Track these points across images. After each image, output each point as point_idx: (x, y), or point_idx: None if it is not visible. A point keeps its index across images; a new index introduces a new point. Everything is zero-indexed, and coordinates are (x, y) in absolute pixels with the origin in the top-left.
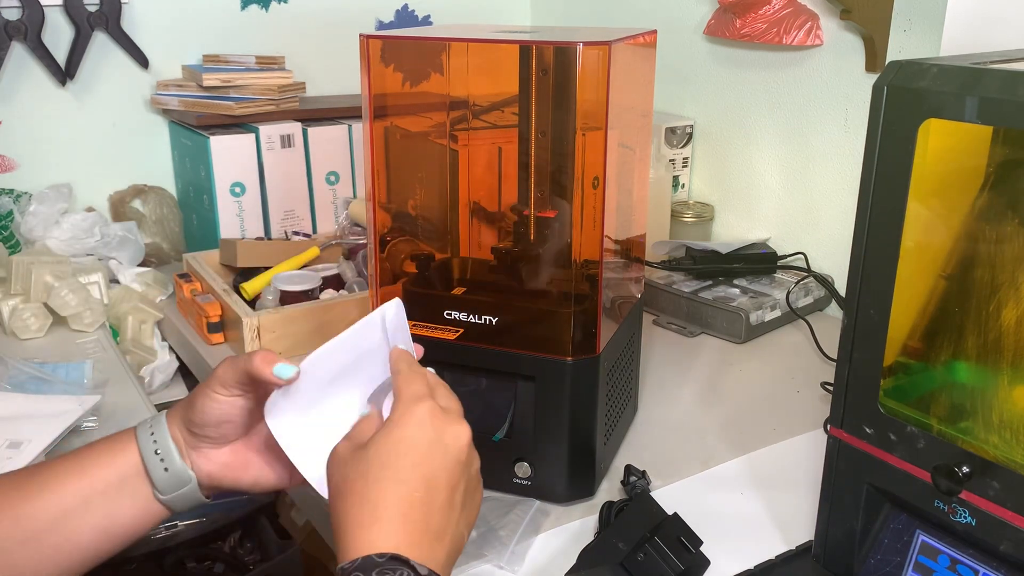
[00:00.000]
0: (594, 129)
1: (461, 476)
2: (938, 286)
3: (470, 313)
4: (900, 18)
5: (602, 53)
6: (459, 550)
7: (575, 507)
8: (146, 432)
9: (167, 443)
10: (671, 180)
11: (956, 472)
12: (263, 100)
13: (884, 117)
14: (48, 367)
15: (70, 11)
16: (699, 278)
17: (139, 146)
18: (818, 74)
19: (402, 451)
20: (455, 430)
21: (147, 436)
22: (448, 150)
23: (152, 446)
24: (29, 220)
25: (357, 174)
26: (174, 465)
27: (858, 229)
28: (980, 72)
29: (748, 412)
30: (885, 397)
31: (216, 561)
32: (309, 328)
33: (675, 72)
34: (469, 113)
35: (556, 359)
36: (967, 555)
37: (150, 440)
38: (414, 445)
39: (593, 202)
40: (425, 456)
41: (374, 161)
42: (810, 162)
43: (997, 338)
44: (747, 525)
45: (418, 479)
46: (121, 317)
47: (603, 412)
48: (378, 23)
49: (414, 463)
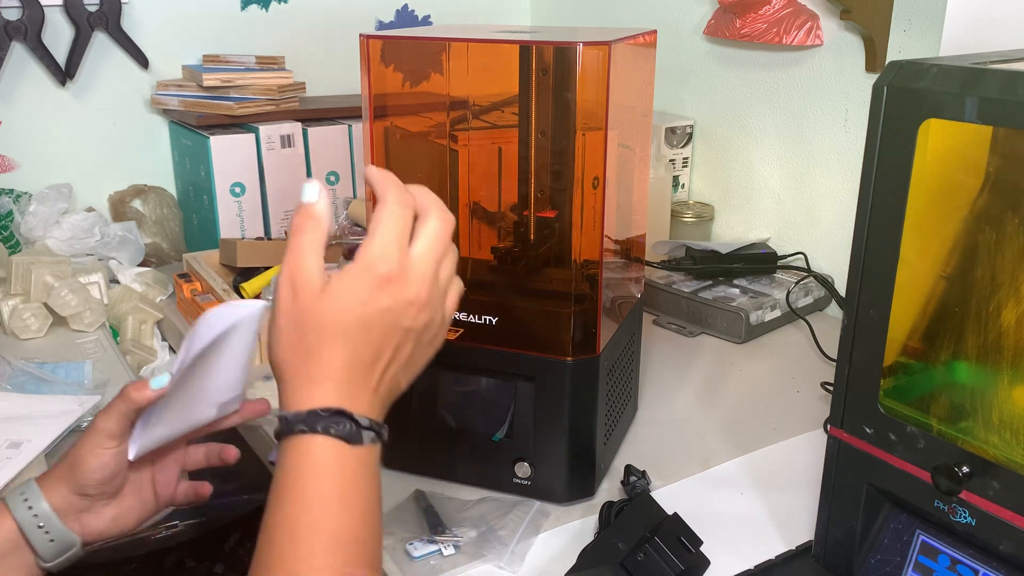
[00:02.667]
0: (594, 129)
1: (408, 338)
2: (938, 286)
3: (470, 313)
4: (900, 18)
5: (602, 53)
6: (395, 397)
7: (575, 507)
8: (19, 503)
9: (47, 512)
10: (671, 180)
11: (956, 472)
12: (263, 100)
13: (884, 117)
14: (48, 367)
15: (70, 11)
16: (699, 278)
17: (139, 146)
18: (818, 74)
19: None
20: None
21: (22, 507)
22: (448, 150)
23: (32, 519)
24: (29, 220)
25: (357, 174)
26: (58, 533)
27: (858, 229)
28: (980, 72)
29: (748, 412)
30: (885, 397)
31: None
32: None
33: (675, 72)
34: (469, 113)
35: (556, 359)
36: (967, 555)
37: (27, 512)
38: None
39: (593, 202)
40: (397, 297)
41: (374, 161)
42: (810, 162)
43: (997, 338)
44: (747, 525)
45: (367, 342)
46: (121, 317)
47: (603, 412)
48: (378, 23)
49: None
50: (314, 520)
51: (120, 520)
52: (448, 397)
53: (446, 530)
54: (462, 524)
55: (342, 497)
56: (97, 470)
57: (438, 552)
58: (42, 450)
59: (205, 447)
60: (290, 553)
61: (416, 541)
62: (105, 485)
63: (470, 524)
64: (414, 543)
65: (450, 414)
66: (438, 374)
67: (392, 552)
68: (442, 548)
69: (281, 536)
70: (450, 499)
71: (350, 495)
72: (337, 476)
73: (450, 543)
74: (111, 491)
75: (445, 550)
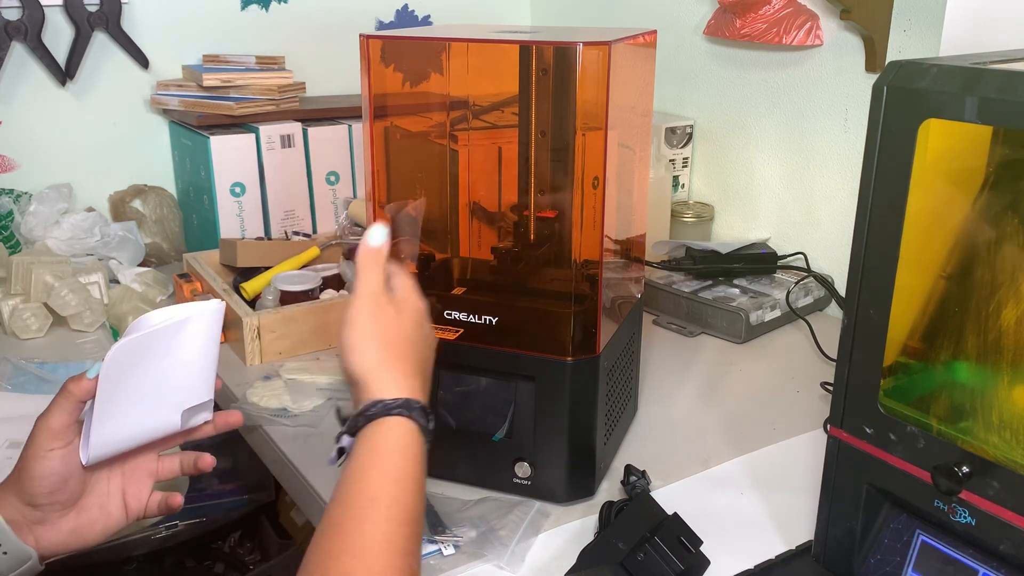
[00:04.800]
0: (594, 129)
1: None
2: (938, 286)
3: (470, 313)
4: (900, 18)
5: (602, 53)
6: None
7: (575, 507)
8: None
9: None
10: (671, 180)
11: (956, 472)
12: (263, 100)
13: (884, 117)
14: (48, 367)
15: (70, 11)
16: (699, 278)
17: (139, 146)
18: (818, 74)
19: (420, 322)
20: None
21: None
22: (448, 150)
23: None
24: (29, 220)
25: (357, 174)
26: (11, 546)
27: (858, 229)
28: (980, 72)
29: (748, 412)
30: (885, 397)
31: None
32: (309, 328)
33: (675, 72)
34: (469, 113)
35: (556, 359)
36: (967, 555)
37: None
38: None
39: (593, 202)
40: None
41: (374, 161)
42: (810, 162)
43: (997, 338)
44: (747, 525)
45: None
46: (121, 317)
47: (603, 412)
48: (378, 23)
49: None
50: (396, 494)
51: (80, 532)
52: (448, 397)
53: (446, 530)
54: (462, 524)
55: (417, 478)
56: (42, 477)
57: (438, 552)
58: None
59: (180, 456)
60: (370, 515)
61: None
62: (55, 494)
63: (470, 524)
64: None
65: (450, 414)
66: (438, 374)
67: None
68: (442, 548)
69: (362, 502)
70: (450, 499)
71: (421, 476)
72: (416, 458)
73: (450, 543)
74: (64, 500)
75: (445, 550)
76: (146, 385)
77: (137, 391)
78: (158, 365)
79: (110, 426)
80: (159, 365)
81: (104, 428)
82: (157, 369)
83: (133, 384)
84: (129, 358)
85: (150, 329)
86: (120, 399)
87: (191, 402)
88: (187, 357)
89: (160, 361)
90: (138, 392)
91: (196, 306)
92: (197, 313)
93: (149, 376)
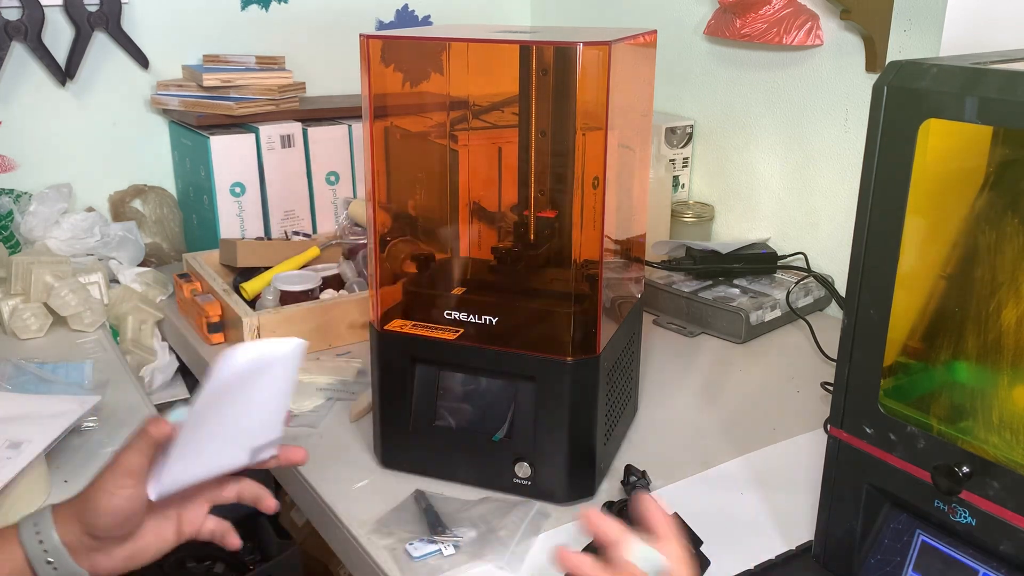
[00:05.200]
0: (594, 129)
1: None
2: (938, 286)
3: (470, 313)
4: (900, 18)
5: (602, 53)
6: None
7: (575, 507)
8: (31, 534)
9: (57, 546)
10: (671, 180)
11: (956, 472)
12: (263, 100)
13: (884, 117)
14: (48, 367)
15: (70, 11)
16: (699, 278)
17: (139, 146)
18: (818, 74)
19: None
20: None
21: (33, 538)
22: (448, 150)
23: (42, 553)
24: (29, 220)
25: (357, 174)
26: (66, 569)
27: (858, 229)
28: (980, 72)
29: (748, 412)
30: (885, 397)
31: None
32: (309, 328)
33: (675, 72)
34: (469, 113)
35: (556, 359)
36: (967, 555)
37: (37, 545)
38: None
39: (593, 202)
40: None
41: (374, 161)
42: (810, 162)
43: (997, 338)
44: (747, 525)
45: None
46: (121, 317)
47: (603, 412)
48: (378, 23)
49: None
50: None
51: (135, 559)
52: (448, 397)
53: (446, 530)
54: (462, 524)
55: None
56: (107, 514)
57: (438, 552)
58: (42, 450)
59: (238, 486)
60: None
61: (416, 541)
62: (116, 529)
63: (470, 524)
64: (414, 543)
65: (450, 414)
66: (438, 374)
67: (392, 552)
68: (442, 548)
69: None
70: (450, 499)
71: None
72: None
73: (450, 543)
74: (123, 535)
75: (445, 550)
76: (224, 426)
77: (214, 432)
78: (238, 407)
79: (183, 464)
80: (239, 407)
81: (177, 466)
82: (237, 411)
83: (212, 426)
84: (214, 404)
85: (236, 371)
86: (195, 442)
87: (262, 440)
88: (265, 397)
89: (240, 404)
90: (215, 433)
91: (280, 345)
92: (282, 355)
93: (228, 418)
